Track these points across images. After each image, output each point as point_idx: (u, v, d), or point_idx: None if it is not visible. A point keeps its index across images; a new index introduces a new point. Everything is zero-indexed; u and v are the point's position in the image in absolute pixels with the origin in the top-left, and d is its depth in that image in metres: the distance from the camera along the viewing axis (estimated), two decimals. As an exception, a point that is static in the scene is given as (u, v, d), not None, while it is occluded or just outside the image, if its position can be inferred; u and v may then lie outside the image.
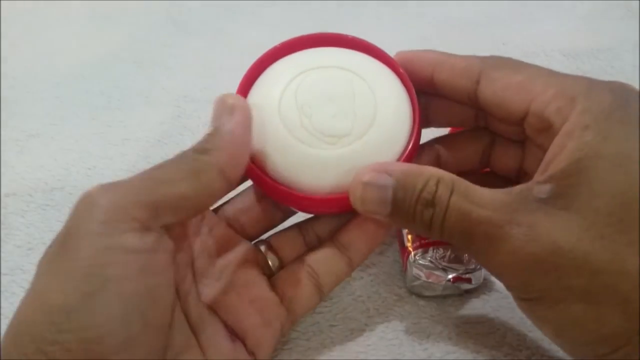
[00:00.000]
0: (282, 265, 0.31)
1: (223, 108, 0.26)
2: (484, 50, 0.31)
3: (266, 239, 0.32)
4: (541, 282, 0.23)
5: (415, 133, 0.29)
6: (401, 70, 0.30)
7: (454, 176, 0.25)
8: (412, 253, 0.33)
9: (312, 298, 0.30)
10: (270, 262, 0.31)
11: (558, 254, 0.22)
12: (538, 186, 0.24)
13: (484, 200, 0.24)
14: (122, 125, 0.48)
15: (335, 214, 0.31)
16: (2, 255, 0.38)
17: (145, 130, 0.47)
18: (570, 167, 0.23)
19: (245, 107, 0.27)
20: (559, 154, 0.24)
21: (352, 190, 0.27)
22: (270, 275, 0.31)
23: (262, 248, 0.31)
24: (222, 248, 0.30)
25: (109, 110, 0.49)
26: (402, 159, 0.28)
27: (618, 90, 0.25)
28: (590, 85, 0.25)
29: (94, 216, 0.22)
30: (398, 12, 0.61)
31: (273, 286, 0.30)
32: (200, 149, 0.25)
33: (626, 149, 0.23)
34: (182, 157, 0.25)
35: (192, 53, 0.56)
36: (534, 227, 0.23)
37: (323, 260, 0.30)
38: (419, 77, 0.30)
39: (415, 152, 0.29)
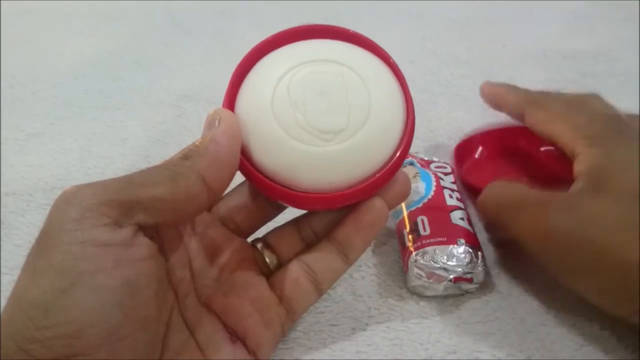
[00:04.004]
0: (279, 263, 0.31)
1: (210, 121, 0.27)
2: (484, 50, 0.32)
3: (262, 236, 0.32)
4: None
5: (410, 124, 0.28)
6: (391, 61, 0.29)
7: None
8: (413, 253, 0.33)
9: (311, 296, 0.30)
10: (267, 260, 0.31)
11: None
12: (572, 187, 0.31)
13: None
14: (122, 125, 0.48)
15: (332, 210, 0.30)
16: (2, 254, 0.38)
17: (145, 130, 0.47)
18: (589, 171, 0.31)
19: (230, 118, 0.27)
20: (579, 169, 0.32)
21: None
22: (268, 274, 0.31)
23: (259, 246, 0.31)
24: (219, 248, 0.30)
25: (109, 110, 0.49)
26: (400, 151, 0.28)
27: (609, 120, 0.34)
28: (589, 119, 0.34)
29: (67, 215, 0.23)
30: (398, 12, 0.61)
31: (271, 286, 0.30)
32: (182, 156, 0.26)
33: (626, 157, 0.31)
34: (165, 163, 0.26)
35: (192, 53, 0.56)
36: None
37: (319, 258, 0.30)
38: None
39: (410, 143, 0.29)
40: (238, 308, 0.29)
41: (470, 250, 0.33)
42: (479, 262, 0.33)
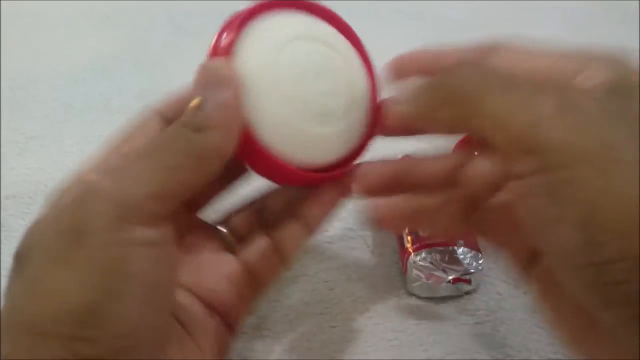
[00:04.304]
0: (241, 241, 0.31)
1: (212, 78, 0.25)
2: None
3: (223, 219, 0.32)
4: None
5: (376, 100, 0.29)
6: (362, 48, 0.30)
7: None
8: (412, 254, 0.33)
9: (276, 265, 0.30)
10: (229, 240, 0.31)
11: None
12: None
13: None
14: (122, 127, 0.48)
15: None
16: (2, 257, 0.38)
17: (145, 132, 0.47)
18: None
19: (236, 80, 0.25)
20: None
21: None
22: (233, 252, 0.31)
23: (221, 228, 0.31)
24: (181, 230, 0.29)
25: (109, 112, 0.50)
26: (373, 130, 0.29)
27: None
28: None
29: (104, 211, 0.22)
30: (398, 12, 0.61)
31: (238, 260, 0.30)
32: (192, 126, 0.24)
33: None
34: (174, 135, 0.24)
35: (192, 54, 0.56)
36: None
37: (281, 227, 0.30)
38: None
39: (381, 124, 0.29)
40: (213, 285, 0.29)
41: (469, 251, 0.33)
42: (478, 263, 0.33)
